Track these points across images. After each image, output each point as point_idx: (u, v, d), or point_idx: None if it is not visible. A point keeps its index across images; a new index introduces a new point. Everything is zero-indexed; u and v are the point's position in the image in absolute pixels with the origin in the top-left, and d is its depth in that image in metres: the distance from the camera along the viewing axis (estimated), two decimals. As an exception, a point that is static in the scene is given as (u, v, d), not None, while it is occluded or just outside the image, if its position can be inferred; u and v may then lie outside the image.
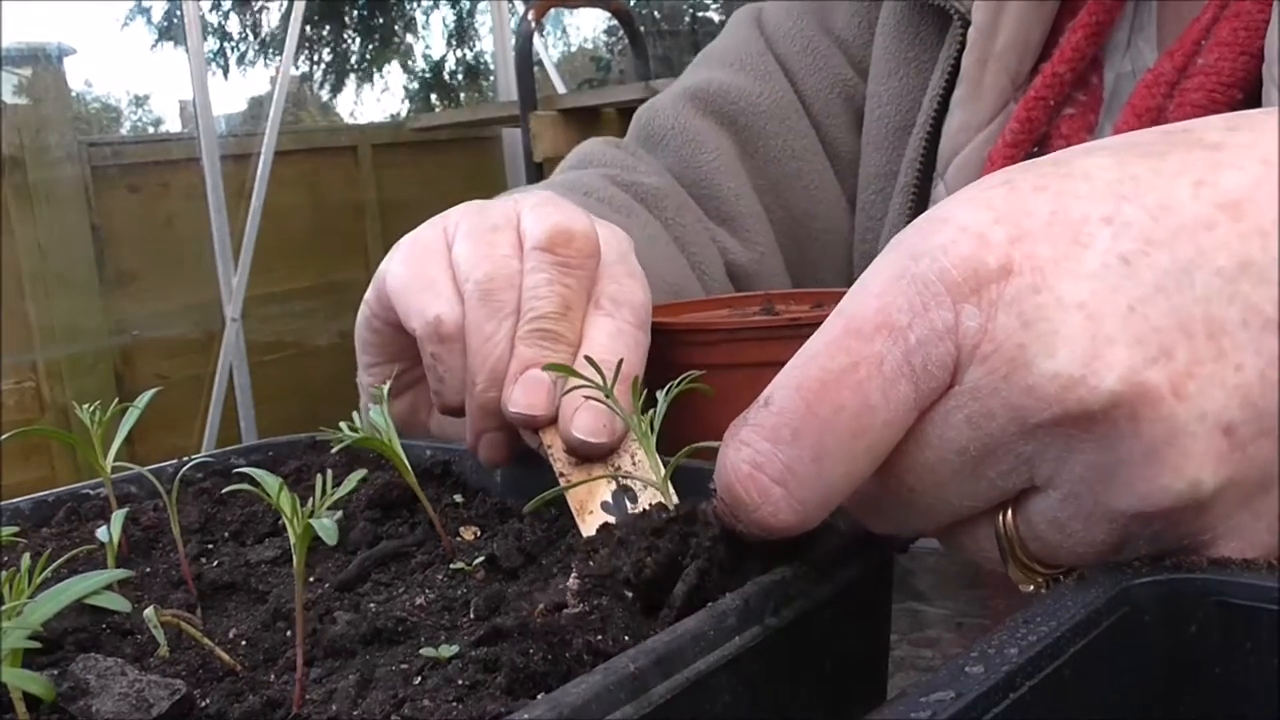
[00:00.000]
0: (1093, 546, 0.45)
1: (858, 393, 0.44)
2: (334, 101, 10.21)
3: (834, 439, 0.44)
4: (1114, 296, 0.42)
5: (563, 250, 0.71)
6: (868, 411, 0.44)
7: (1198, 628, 0.45)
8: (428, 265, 0.74)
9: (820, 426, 0.44)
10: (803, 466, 0.45)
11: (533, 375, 0.67)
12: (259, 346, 4.80)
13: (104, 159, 4.96)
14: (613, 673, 0.40)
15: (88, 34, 10.04)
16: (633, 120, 1.35)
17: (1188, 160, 0.44)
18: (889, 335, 0.44)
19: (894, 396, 0.44)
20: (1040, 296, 0.42)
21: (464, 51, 10.29)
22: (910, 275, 0.44)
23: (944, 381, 0.44)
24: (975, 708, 0.37)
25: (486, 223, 0.75)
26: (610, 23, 8.26)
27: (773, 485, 0.45)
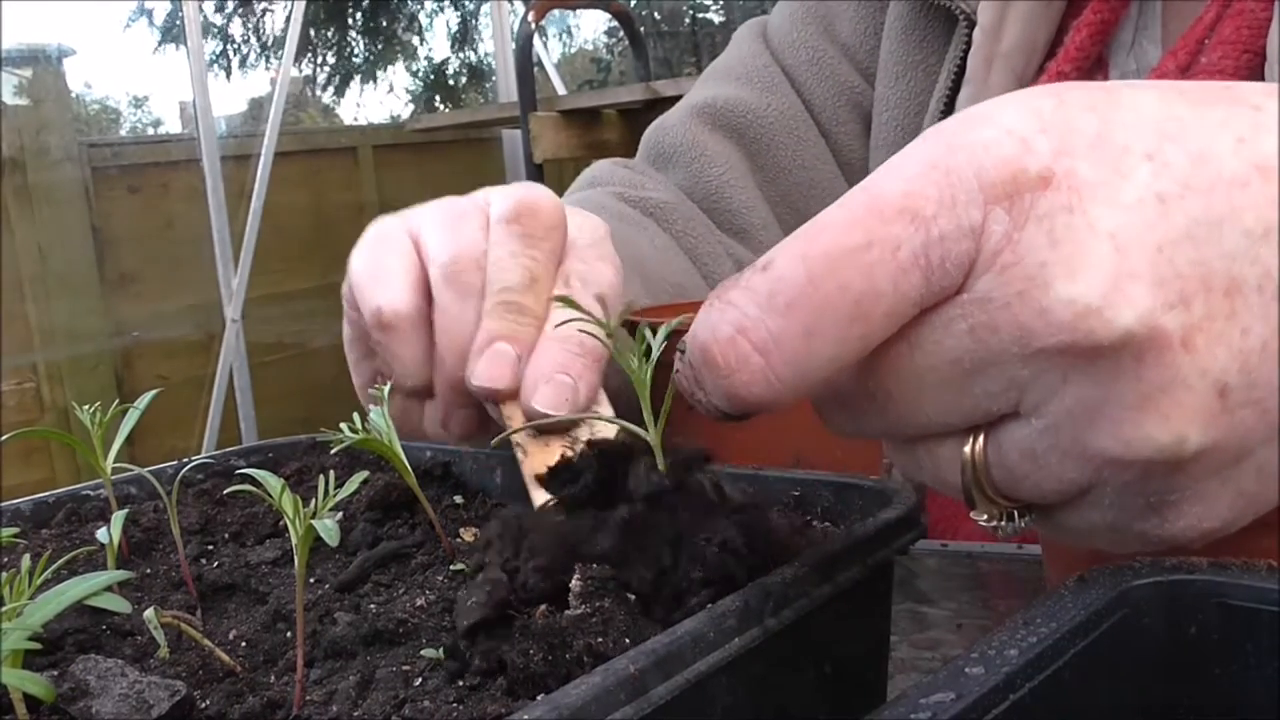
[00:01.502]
0: (1059, 484, 0.44)
1: (866, 275, 0.42)
2: (336, 103, 10.22)
3: (830, 319, 0.42)
4: (1146, 233, 0.41)
5: (528, 222, 0.71)
6: (872, 297, 0.42)
7: (1197, 629, 0.45)
8: (380, 255, 0.75)
9: (819, 302, 0.42)
10: (790, 341, 0.42)
11: (497, 349, 0.68)
12: (259, 348, 4.80)
13: (104, 160, 4.96)
14: (613, 674, 0.40)
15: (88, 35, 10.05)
16: (641, 140, 1.36)
17: (1231, 114, 0.43)
18: (911, 221, 0.42)
19: (903, 286, 0.42)
20: (1073, 217, 0.41)
21: (466, 53, 10.30)
22: (945, 166, 0.42)
23: (956, 283, 0.42)
24: (975, 709, 0.37)
25: (454, 210, 0.75)
26: (610, 24, 8.27)
27: (753, 353, 0.43)
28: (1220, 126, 0.43)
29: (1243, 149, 0.42)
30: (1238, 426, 0.42)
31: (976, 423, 0.45)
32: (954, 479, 0.46)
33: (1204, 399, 0.41)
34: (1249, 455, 0.43)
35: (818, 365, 0.43)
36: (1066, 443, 0.43)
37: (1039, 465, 0.44)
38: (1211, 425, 0.41)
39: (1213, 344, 0.41)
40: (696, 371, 0.44)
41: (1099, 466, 0.43)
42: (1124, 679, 0.44)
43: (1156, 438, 0.41)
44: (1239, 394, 0.41)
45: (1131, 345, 0.40)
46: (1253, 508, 0.45)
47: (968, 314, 0.42)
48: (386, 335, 0.72)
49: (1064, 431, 0.42)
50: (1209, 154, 0.42)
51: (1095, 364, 0.41)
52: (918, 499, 0.56)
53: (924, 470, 0.48)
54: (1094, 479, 0.43)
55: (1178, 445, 0.41)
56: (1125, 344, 0.40)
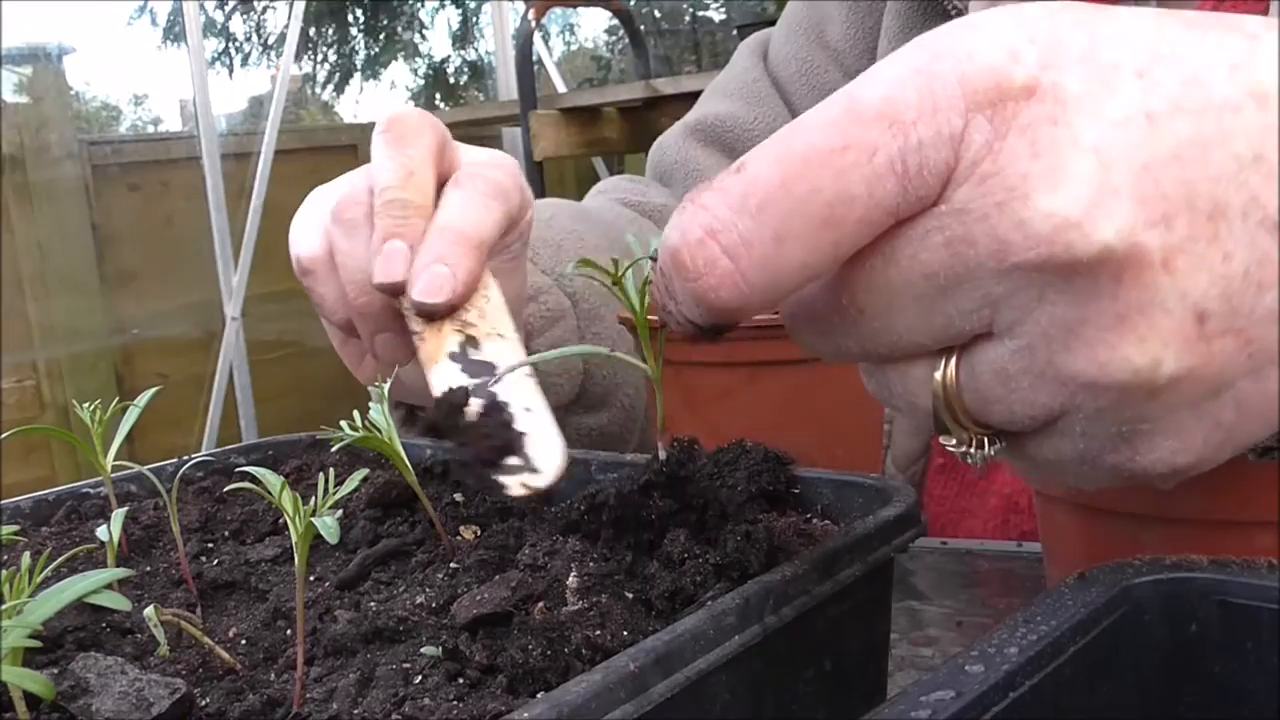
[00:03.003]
0: (1031, 409, 0.43)
1: (840, 178, 0.41)
2: (336, 101, 10.21)
3: (802, 223, 0.41)
4: (1131, 150, 0.40)
5: (397, 127, 0.76)
6: (846, 201, 0.41)
7: (1198, 627, 0.45)
8: (301, 214, 0.82)
9: (791, 205, 0.41)
10: (761, 245, 0.41)
11: (389, 247, 0.70)
12: (259, 345, 4.79)
13: (104, 158, 4.95)
14: (613, 671, 0.40)
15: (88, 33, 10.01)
16: (647, 159, 1.41)
17: (1226, 40, 0.43)
18: (890, 126, 0.41)
19: (877, 192, 0.41)
20: (1057, 129, 0.40)
21: (467, 51, 10.29)
22: (929, 72, 0.41)
23: (933, 192, 0.41)
24: (975, 707, 0.37)
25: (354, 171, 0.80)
26: (611, 22, 8.26)
27: (722, 256, 0.42)
28: (1215, 50, 0.42)
29: (1237, 74, 0.42)
30: (1216, 355, 0.41)
31: (950, 342, 0.44)
32: (925, 402, 0.45)
33: (1182, 323, 0.40)
34: (1226, 387, 0.42)
35: (789, 271, 0.42)
36: (1040, 364, 0.42)
37: (1011, 388, 0.43)
38: (1188, 351, 0.41)
39: (1194, 267, 0.40)
40: (667, 278, 0.44)
41: (1072, 390, 0.42)
42: (1124, 677, 0.44)
43: (1131, 360, 0.40)
44: (1218, 321, 0.41)
45: (1110, 262, 0.39)
46: (1229, 443, 0.44)
47: (944, 225, 0.41)
48: (308, 280, 0.79)
49: (1038, 353, 0.42)
50: (1201, 76, 0.41)
51: (1072, 281, 0.40)
52: (917, 497, 0.56)
53: (895, 394, 0.47)
54: (1066, 404, 0.43)
55: (1152, 369, 0.41)
56: (1104, 260, 0.39)
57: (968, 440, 0.46)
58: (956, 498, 1.09)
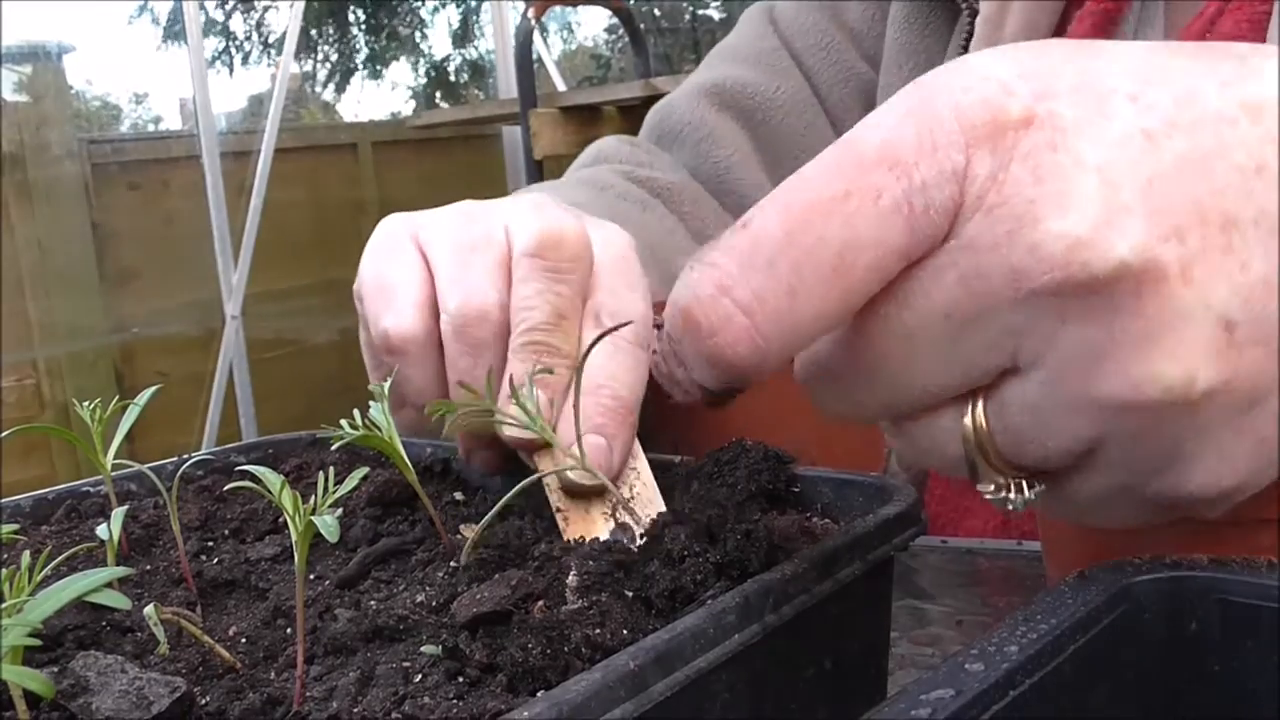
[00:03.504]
0: (1066, 442, 0.43)
1: (846, 225, 0.41)
2: (336, 100, 10.21)
3: (812, 273, 0.41)
4: (1134, 167, 0.40)
5: (553, 255, 0.68)
6: (854, 249, 0.41)
7: (1198, 625, 0.45)
8: (387, 268, 0.73)
9: (800, 257, 0.41)
10: (774, 298, 0.41)
11: None
12: (259, 344, 4.79)
13: (104, 156, 4.95)
14: (612, 670, 0.40)
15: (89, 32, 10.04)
16: (646, 118, 1.35)
17: (1216, 64, 0.43)
18: (891, 169, 0.41)
19: (885, 237, 0.41)
20: (1058, 154, 0.40)
21: (467, 50, 10.30)
22: (924, 112, 0.41)
23: (941, 230, 0.41)
24: (975, 705, 0.37)
25: (467, 237, 0.72)
26: (611, 21, 8.26)
27: (736, 312, 0.42)
28: (1205, 74, 0.42)
29: (1228, 90, 0.42)
30: (1248, 365, 0.40)
31: (974, 383, 0.43)
32: (955, 450, 0.44)
33: (1210, 333, 0.40)
34: (1263, 401, 0.42)
35: (804, 323, 0.42)
36: (1071, 393, 0.41)
37: (1044, 422, 0.42)
38: (1220, 361, 0.40)
39: (1212, 277, 0.39)
40: (676, 343, 0.44)
41: (1107, 416, 0.41)
42: (1124, 675, 0.44)
43: (1164, 375, 0.40)
44: (1245, 329, 0.40)
45: (1128, 279, 0.39)
46: (1273, 461, 0.43)
47: (956, 261, 0.41)
48: (395, 358, 0.70)
49: (1068, 381, 0.41)
50: (1194, 95, 0.42)
51: (1092, 303, 0.40)
52: (917, 495, 0.56)
53: (923, 449, 0.46)
54: (1103, 432, 0.42)
55: (1187, 382, 0.40)
56: (1121, 277, 0.39)
57: (1005, 485, 0.45)
58: (958, 496, 1.09)
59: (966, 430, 0.44)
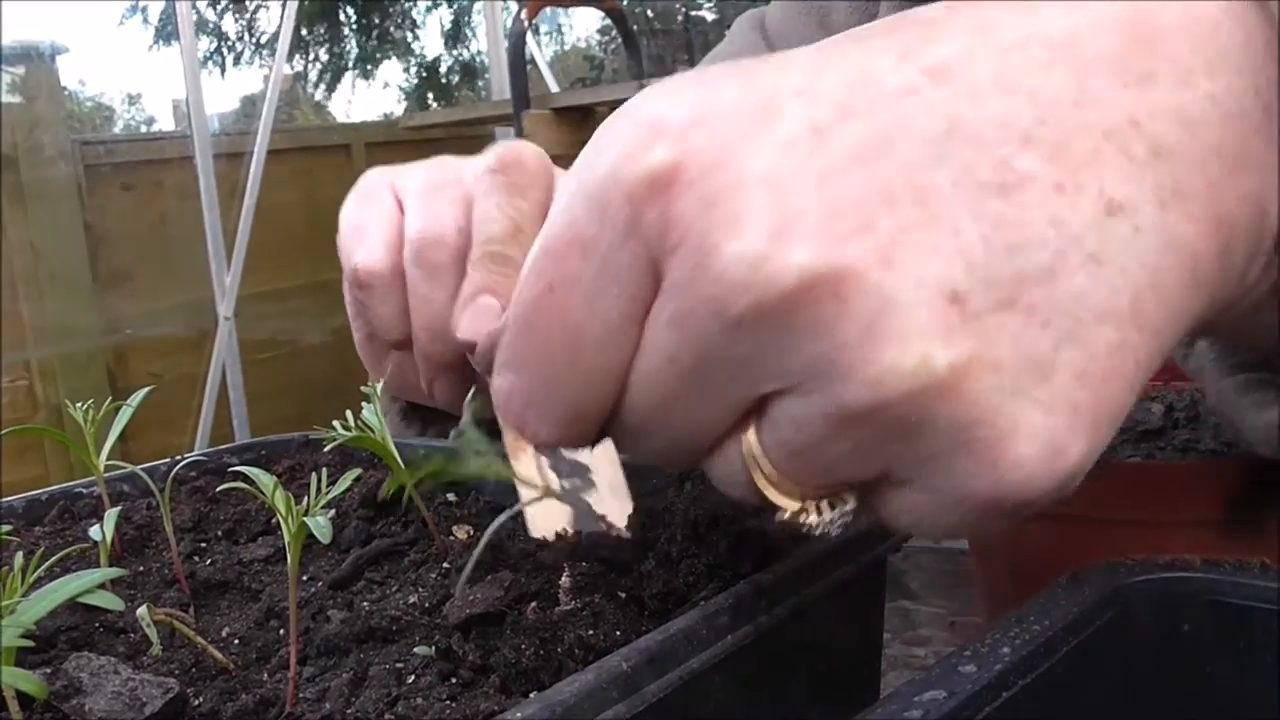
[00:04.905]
0: (842, 456, 0.40)
1: (559, 316, 0.41)
2: (329, 101, 10.21)
3: (554, 364, 0.42)
4: (803, 167, 0.38)
5: (513, 173, 0.70)
6: (575, 333, 0.41)
7: (1191, 627, 0.45)
8: (361, 212, 0.76)
9: (539, 352, 0.42)
10: (539, 392, 0.43)
11: (482, 302, 0.67)
12: (252, 345, 4.78)
13: (97, 158, 4.94)
14: (605, 671, 0.40)
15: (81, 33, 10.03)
16: None
17: (894, 38, 0.41)
18: (580, 251, 0.41)
19: (598, 314, 0.41)
20: (724, 174, 0.38)
21: (459, 51, 10.30)
22: (589, 178, 0.41)
23: (647, 286, 0.40)
24: (968, 707, 0.37)
25: (437, 178, 0.75)
26: (604, 22, 8.26)
27: (525, 409, 0.44)
28: (880, 52, 0.40)
29: (907, 61, 0.39)
30: (1000, 332, 0.37)
31: (735, 414, 0.42)
32: (747, 477, 0.43)
33: (933, 310, 0.37)
34: (1051, 365, 0.38)
35: (573, 404, 0.43)
36: (826, 406, 0.39)
37: (811, 435, 0.40)
38: (956, 336, 0.37)
39: (918, 254, 0.37)
40: None
41: (870, 420, 0.38)
42: (1117, 677, 0.44)
43: (899, 364, 0.37)
44: (979, 297, 0.37)
45: (822, 284, 0.37)
46: (1102, 422, 0.39)
47: (662, 307, 0.40)
48: (364, 293, 0.73)
49: (817, 395, 0.39)
50: (867, 76, 0.39)
51: (797, 318, 0.37)
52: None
53: (726, 482, 0.44)
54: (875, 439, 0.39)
55: (924, 364, 0.37)
56: (814, 284, 0.37)
57: (801, 508, 0.43)
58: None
59: (745, 457, 0.42)
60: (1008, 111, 0.38)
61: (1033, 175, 0.37)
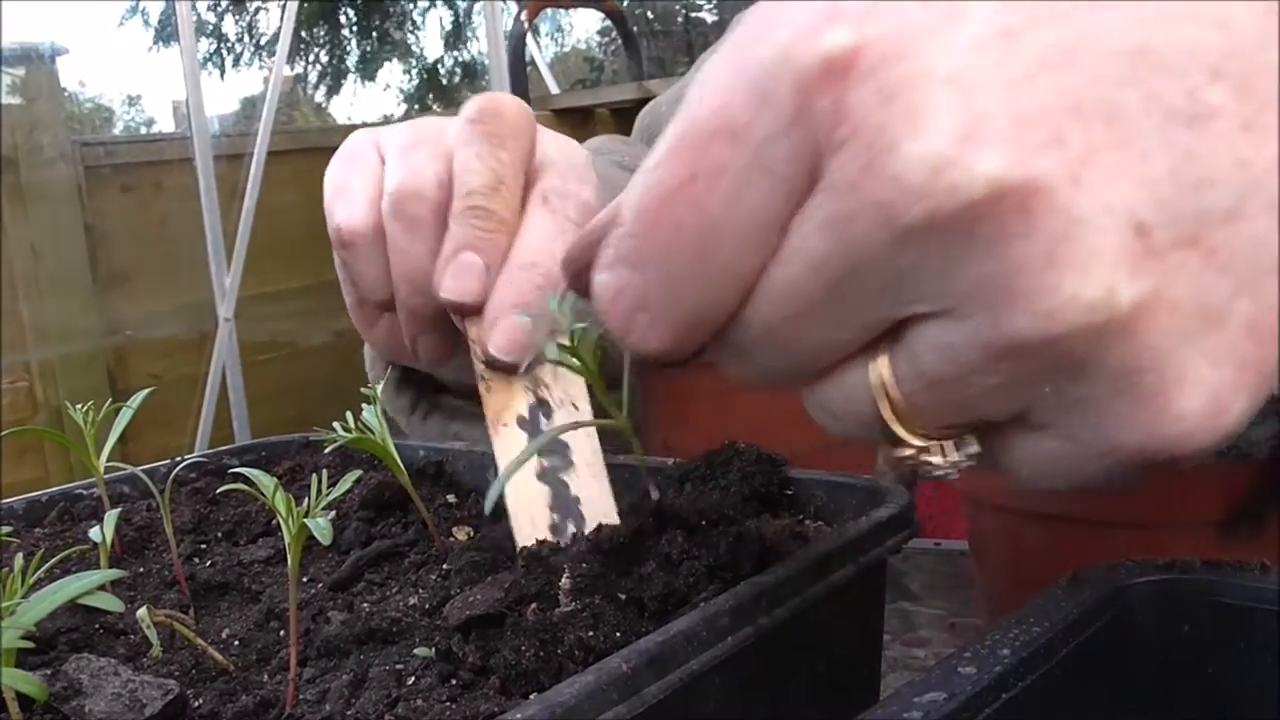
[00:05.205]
0: (984, 392, 0.37)
1: (697, 209, 0.38)
2: (329, 102, 10.21)
3: (681, 262, 0.39)
4: (994, 71, 0.35)
5: (492, 123, 0.68)
6: (711, 230, 0.38)
7: (1191, 628, 0.45)
8: (343, 172, 0.73)
9: (666, 249, 0.39)
10: (657, 293, 0.40)
11: (464, 259, 0.65)
12: (252, 346, 4.78)
13: (97, 159, 4.94)
14: (606, 672, 0.40)
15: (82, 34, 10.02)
16: (638, 119, 1.35)
17: None
18: (729, 138, 0.37)
19: (740, 209, 0.38)
20: (904, 67, 0.35)
21: (459, 52, 10.30)
22: (749, 60, 0.37)
23: (802, 183, 0.37)
24: (967, 708, 0.37)
25: (416, 134, 0.73)
26: (604, 23, 8.26)
27: (635, 311, 0.40)
28: None
29: None
30: (1181, 272, 0.35)
31: (871, 335, 0.39)
32: (869, 410, 0.40)
33: (1120, 238, 0.34)
34: (1220, 312, 0.36)
35: (695, 309, 0.40)
36: (982, 338, 0.36)
37: (959, 365, 0.37)
38: (1141, 269, 0.35)
39: (1108, 176, 0.34)
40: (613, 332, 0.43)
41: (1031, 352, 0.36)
42: (1117, 678, 0.44)
43: (1081, 294, 0.34)
44: (1165, 231, 0.35)
45: (1009, 197, 0.34)
46: (1265, 381, 0.37)
47: (820, 206, 0.37)
48: (347, 252, 0.71)
49: (977, 320, 0.36)
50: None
51: (976, 232, 0.35)
52: (910, 498, 0.57)
53: (838, 411, 0.41)
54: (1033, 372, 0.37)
55: (1108, 298, 0.34)
56: (1000, 196, 0.34)
57: (927, 448, 0.40)
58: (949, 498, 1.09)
59: (874, 386, 0.39)
60: (1197, 40, 0.35)
61: (1221, 110, 0.35)
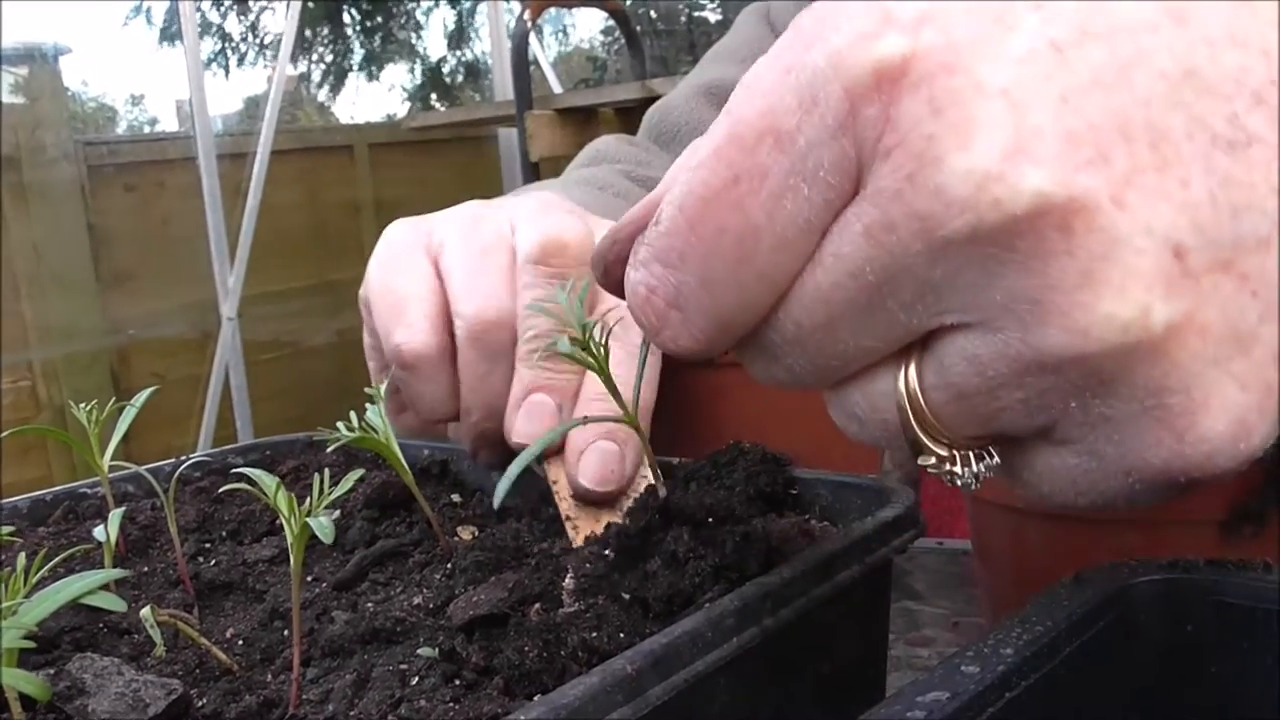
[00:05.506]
0: (1010, 405, 0.38)
1: (738, 212, 0.38)
2: (332, 101, 10.22)
3: (719, 264, 0.39)
4: (1044, 85, 0.35)
5: (556, 261, 0.67)
6: (751, 233, 0.38)
7: (1194, 627, 0.45)
8: (397, 279, 0.71)
9: (704, 250, 0.39)
10: (692, 293, 0.40)
11: (536, 401, 0.65)
12: (255, 346, 4.79)
13: (100, 158, 4.95)
14: (610, 674, 0.40)
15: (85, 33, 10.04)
16: (645, 118, 1.34)
17: None
18: (775, 143, 0.37)
19: (781, 215, 0.38)
20: (955, 79, 0.35)
21: (463, 51, 10.30)
22: (799, 64, 0.37)
23: (845, 190, 0.37)
24: (971, 708, 0.37)
25: (478, 241, 0.71)
26: (607, 23, 8.27)
27: (668, 309, 0.40)
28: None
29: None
30: (1213, 295, 0.35)
31: (902, 341, 0.39)
32: (894, 418, 0.40)
33: (1158, 260, 0.35)
34: (1252, 338, 0.36)
35: (728, 309, 0.40)
36: (1014, 351, 0.36)
37: (987, 378, 0.37)
38: (1176, 291, 0.35)
39: (1150, 198, 0.34)
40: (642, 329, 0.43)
41: (1062, 374, 0.36)
42: (1120, 677, 0.44)
43: (1116, 314, 0.35)
44: (1200, 255, 0.35)
45: (1051, 214, 0.34)
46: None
47: (861, 214, 0.37)
48: (408, 373, 0.69)
49: (1004, 336, 0.36)
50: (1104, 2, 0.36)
51: (1015, 247, 0.35)
52: (916, 498, 0.56)
53: (862, 416, 0.42)
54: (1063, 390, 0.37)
55: (1143, 318, 0.35)
56: (1043, 213, 0.34)
57: (949, 457, 0.40)
58: (952, 497, 1.09)
59: (900, 391, 0.40)
60: (1241, 66, 0.36)
61: (1261, 137, 0.35)
